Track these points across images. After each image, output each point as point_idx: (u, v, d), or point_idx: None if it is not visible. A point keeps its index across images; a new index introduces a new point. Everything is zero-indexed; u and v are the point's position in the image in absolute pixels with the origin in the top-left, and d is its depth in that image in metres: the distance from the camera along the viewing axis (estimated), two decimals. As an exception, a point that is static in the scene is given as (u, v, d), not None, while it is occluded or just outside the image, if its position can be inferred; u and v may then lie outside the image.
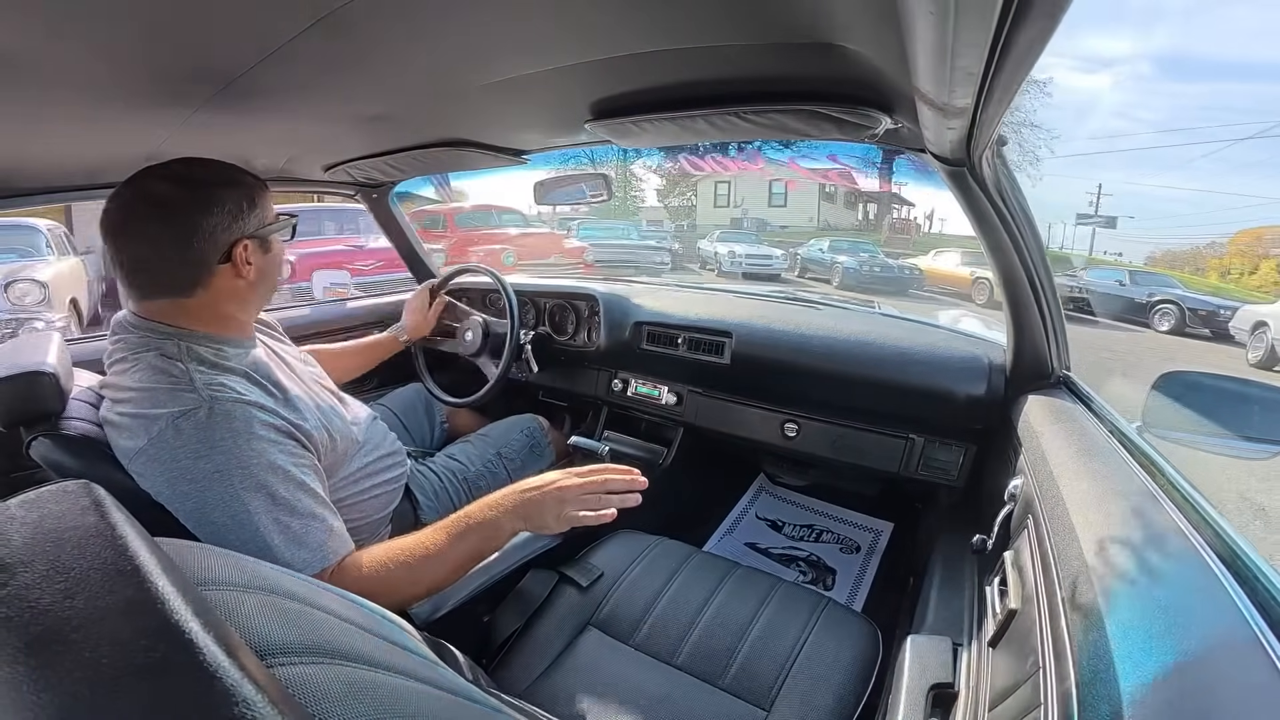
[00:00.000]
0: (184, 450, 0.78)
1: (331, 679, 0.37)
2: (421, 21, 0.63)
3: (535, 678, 0.95)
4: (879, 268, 12.10)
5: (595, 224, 13.52)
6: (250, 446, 0.81)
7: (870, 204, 20.91)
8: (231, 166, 0.92)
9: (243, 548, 0.76)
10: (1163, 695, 0.38)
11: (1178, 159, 31.78)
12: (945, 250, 12.44)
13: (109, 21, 0.57)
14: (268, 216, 0.93)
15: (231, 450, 0.80)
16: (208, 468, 0.78)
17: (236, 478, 0.79)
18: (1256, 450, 0.87)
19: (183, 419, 0.79)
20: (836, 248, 13.29)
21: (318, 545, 0.83)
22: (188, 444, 0.79)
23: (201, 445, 0.79)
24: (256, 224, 0.91)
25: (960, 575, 1.02)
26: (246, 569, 0.44)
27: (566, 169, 2.18)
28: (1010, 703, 0.58)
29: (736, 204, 20.27)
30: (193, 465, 0.78)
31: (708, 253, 13.82)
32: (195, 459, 0.78)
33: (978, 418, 1.27)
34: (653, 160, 8.77)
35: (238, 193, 0.89)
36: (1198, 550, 0.55)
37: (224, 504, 0.78)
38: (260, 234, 0.92)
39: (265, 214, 0.93)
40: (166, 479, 0.79)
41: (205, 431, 0.79)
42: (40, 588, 0.29)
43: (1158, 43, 44.87)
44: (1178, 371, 0.98)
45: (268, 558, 0.76)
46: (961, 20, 0.41)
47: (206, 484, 0.78)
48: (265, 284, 0.96)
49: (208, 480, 0.78)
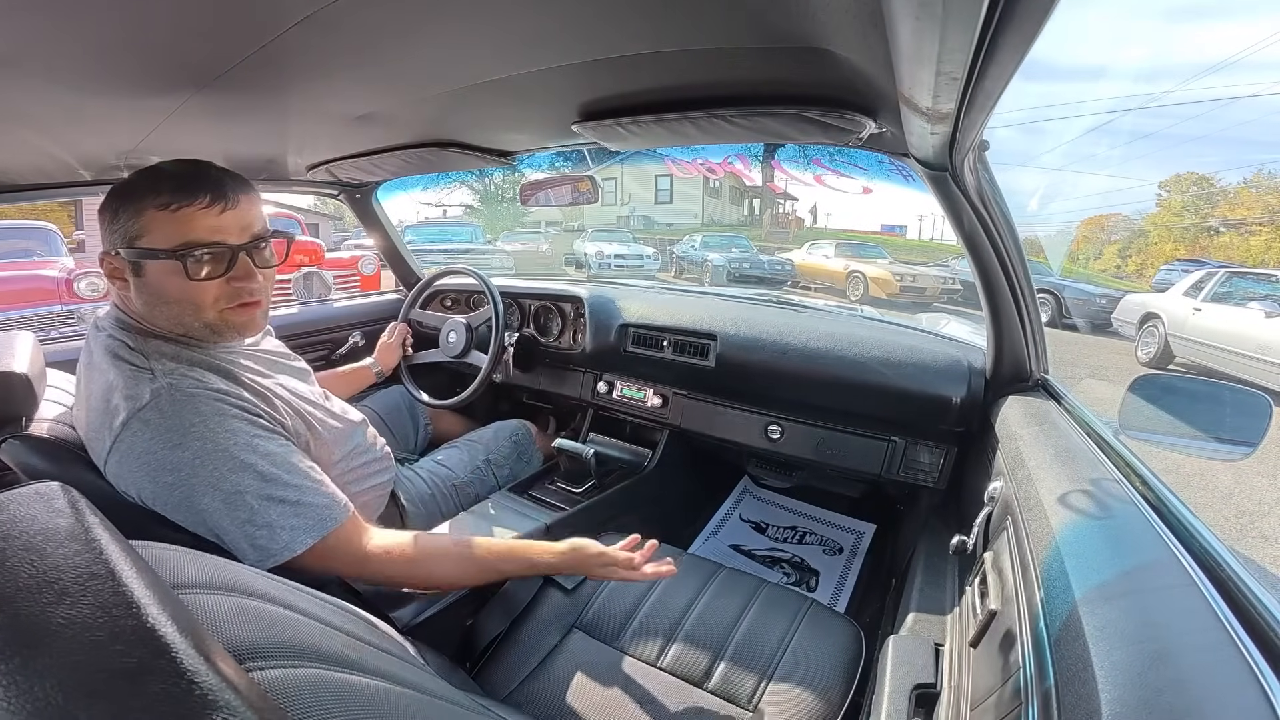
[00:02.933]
0: (157, 442, 0.75)
1: (310, 682, 0.37)
2: (407, 21, 0.63)
3: (520, 681, 0.94)
4: (749, 264, 11.71)
5: (423, 228, 12.41)
6: (224, 427, 0.78)
7: (755, 199, 20.97)
8: (142, 176, 0.81)
9: (240, 530, 0.76)
10: (1139, 693, 0.39)
11: (1023, 155, 33.05)
12: (820, 244, 11.85)
13: (90, 16, 0.56)
14: (136, 234, 0.79)
15: (205, 435, 0.77)
16: (186, 456, 0.75)
17: (219, 459, 0.76)
18: (1229, 451, 0.89)
19: (147, 410, 0.76)
20: (709, 244, 12.80)
21: (318, 512, 0.81)
22: (159, 434, 0.75)
23: (174, 434, 0.76)
24: (119, 240, 0.81)
25: (942, 576, 1.03)
26: (223, 571, 0.44)
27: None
28: (991, 702, 0.59)
29: (624, 201, 19.99)
30: (170, 455, 0.75)
31: (579, 253, 13.09)
32: (171, 449, 0.75)
33: (958, 420, 1.29)
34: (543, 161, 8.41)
35: (112, 202, 0.81)
36: (1172, 551, 0.56)
37: (212, 488, 0.76)
38: (121, 252, 0.81)
39: (131, 231, 0.79)
40: (147, 474, 0.76)
41: (173, 420, 0.76)
42: (11, 590, 0.28)
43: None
44: (1152, 374, 1.00)
45: (268, 535, 0.77)
46: (945, 25, 0.42)
47: (190, 471, 0.75)
48: (155, 307, 0.83)
49: (190, 468, 0.75)
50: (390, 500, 1.21)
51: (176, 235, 0.79)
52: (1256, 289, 5.91)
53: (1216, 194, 17.53)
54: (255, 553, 0.77)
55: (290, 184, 1.66)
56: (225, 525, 0.76)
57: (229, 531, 0.77)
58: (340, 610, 0.53)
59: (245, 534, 0.77)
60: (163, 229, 0.79)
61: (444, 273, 1.86)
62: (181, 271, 0.80)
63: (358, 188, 1.84)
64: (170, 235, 0.79)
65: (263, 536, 0.77)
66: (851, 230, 18.53)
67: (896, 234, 18.82)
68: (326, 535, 0.81)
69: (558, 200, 1.70)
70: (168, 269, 0.80)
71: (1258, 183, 16.82)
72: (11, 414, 0.82)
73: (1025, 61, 0.48)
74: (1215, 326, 5.80)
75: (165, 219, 0.78)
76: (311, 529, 0.80)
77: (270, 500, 0.78)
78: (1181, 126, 23.89)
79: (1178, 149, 29.96)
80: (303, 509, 0.81)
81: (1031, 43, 0.44)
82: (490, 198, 20.64)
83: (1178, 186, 18.22)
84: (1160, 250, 17.30)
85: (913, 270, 10.28)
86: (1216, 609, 0.47)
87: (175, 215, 0.78)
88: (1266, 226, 15.22)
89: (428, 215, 16.10)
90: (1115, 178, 24.79)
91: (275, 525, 0.78)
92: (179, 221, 0.79)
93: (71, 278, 5.17)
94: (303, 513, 0.80)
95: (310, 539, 0.80)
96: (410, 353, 1.75)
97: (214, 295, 0.83)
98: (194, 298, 0.82)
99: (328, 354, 2.02)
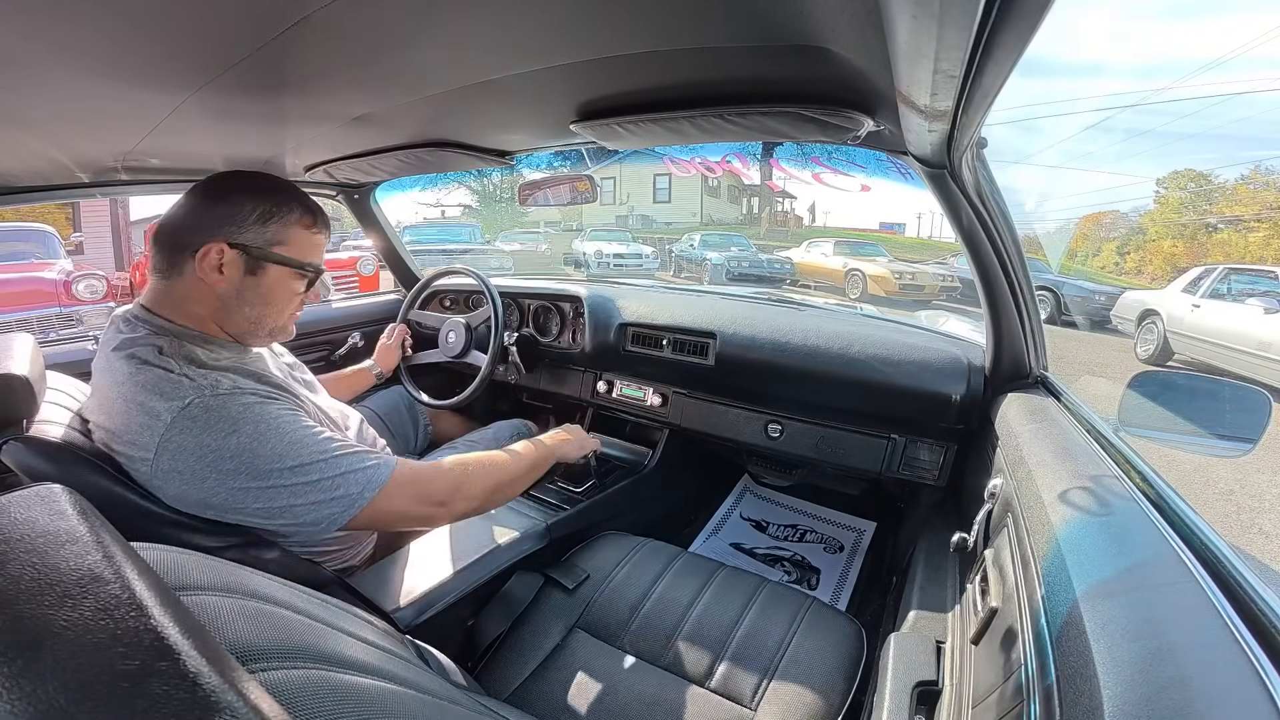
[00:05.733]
0: (209, 434, 0.77)
1: (313, 683, 0.37)
2: (405, 22, 0.63)
3: (521, 681, 0.94)
4: (748, 263, 11.72)
5: (421, 229, 12.26)
6: (267, 411, 0.82)
7: (753, 198, 20.92)
8: (283, 186, 0.93)
9: (314, 489, 0.81)
10: (1140, 690, 0.39)
11: (1021, 152, 33.12)
12: (818, 242, 11.96)
13: (87, 18, 0.56)
14: (277, 241, 0.89)
15: (254, 419, 0.80)
16: (244, 440, 0.78)
17: (274, 437, 0.80)
18: (1229, 448, 0.89)
19: (192, 408, 0.78)
20: (708, 243, 12.77)
21: (374, 468, 0.86)
22: (209, 427, 0.78)
23: (225, 424, 0.78)
24: (255, 239, 0.87)
25: (942, 574, 1.03)
26: (224, 573, 0.44)
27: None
28: (993, 699, 0.59)
29: (622, 201, 19.96)
30: (227, 443, 0.78)
31: (578, 252, 13.11)
32: (226, 437, 0.78)
33: (958, 417, 1.29)
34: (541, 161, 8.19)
35: (253, 200, 0.88)
36: (1172, 547, 0.56)
37: (276, 460, 0.79)
38: (251, 249, 0.87)
39: (274, 237, 0.89)
40: (207, 465, 0.77)
41: (220, 413, 0.79)
42: (13, 592, 0.28)
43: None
44: (1152, 371, 1.00)
45: (341, 494, 0.83)
46: (943, 23, 0.42)
47: (251, 454, 0.78)
48: (245, 306, 0.89)
49: (251, 451, 0.78)
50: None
51: (311, 254, 0.94)
52: (1255, 285, 5.90)
53: (1214, 191, 17.53)
54: (332, 510, 0.82)
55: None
56: (294, 497, 0.80)
57: (298, 499, 0.80)
58: (342, 611, 0.53)
59: (315, 500, 0.81)
60: (303, 245, 0.93)
61: (443, 273, 1.86)
62: (301, 284, 0.94)
63: (356, 188, 1.84)
64: (306, 251, 0.93)
65: (337, 498, 0.82)
66: (850, 228, 18.56)
67: (895, 232, 18.84)
68: (388, 482, 0.86)
69: (556, 200, 1.70)
70: (289, 277, 0.92)
71: (1255, 179, 16.83)
72: (12, 416, 0.82)
73: (1022, 59, 0.48)
74: (1214, 323, 5.79)
75: (307, 238, 0.93)
76: (373, 481, 0.85)
77: (333, 460, 0.83)
78: (1179, 123, 23.93)
79: (1175, 146, 30.02)
80: (362, 462, 0.85)
81: (1029, 40, 0.44)
82: (489, 198, 20.59)
83: (1175, 183, 18.22)
84: (1159, 247, 17.33)
85: (911, 268, 10.27)
86: (1217, 605, 0.47)
87: (314, 237, 0.94)
88: (1264, 223, 15.22)
89: (426, 216, 16.05)
90: (1113, 175, 24.82)
91: (347, 480, 0.83)
92: (315, 243, 0.95)
93: (70, 280, 5.18)
94: (362, 466, 0.85)
95: (374, 490, 0.84)
96: (410, 353, 1.75)
97: (296, 306, 0.97)
98: (286, 304, 0.94)
99: (327, 355, 2.01)
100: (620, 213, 19.75)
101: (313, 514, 0.81)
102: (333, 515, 0.82)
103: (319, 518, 0.81)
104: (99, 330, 1.09)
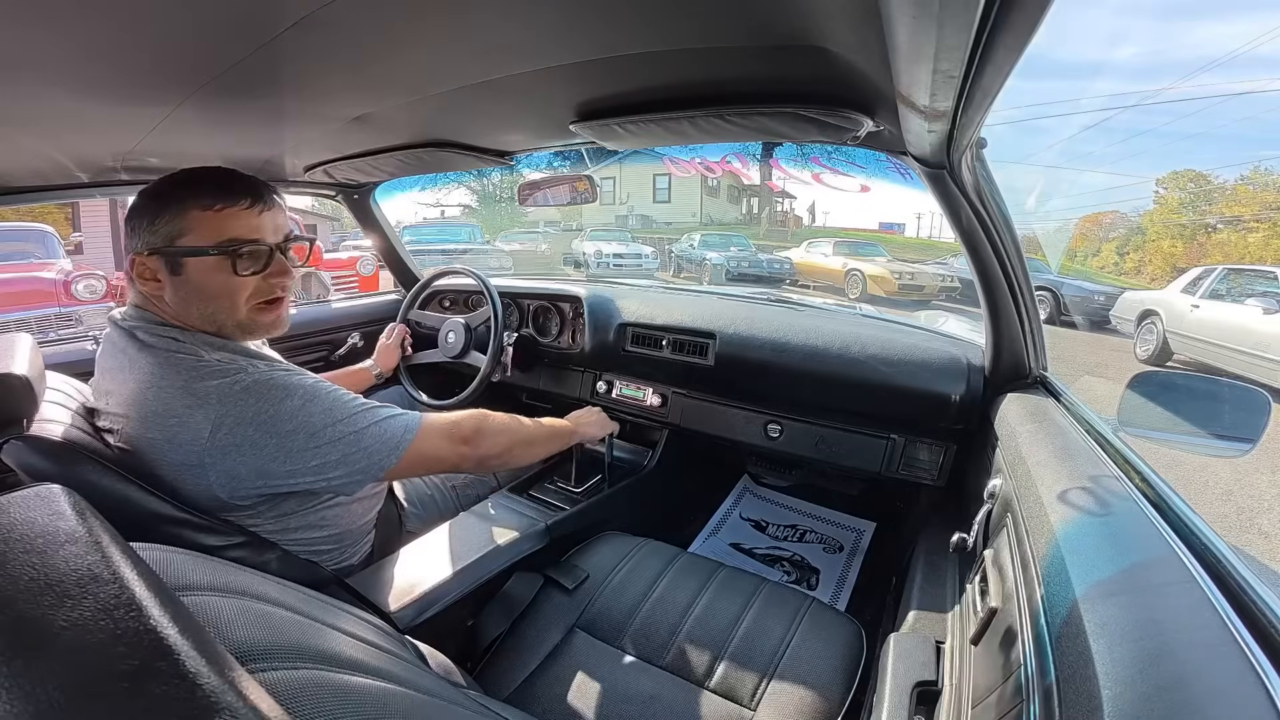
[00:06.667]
0: (266, 401, 0.80)
1: (313, 683, 0.37)
2: (404, 22, 0.63)
3: (521, 681, 0.94)
4: (748, 263, 11.75)
5: (421, 229, 12.30)
6: (307, 379, 0.87)
7: (753, 198, 20.94)
8: (179, 178, 0.85)
9: (363, 437, 0.88)
10: (1140, 690, 0.39)
11: (1020, 152, 33.14)
12: (818, 242, 11.96)
13: (86, 19, 0.56)
14: (177, 234, 0.83)
15: (302, 384, 0.85)
16: (296, 403, 0.82)
17: (322, 396, 0.85)
18: (1229, 448, 0.89)
19: (238, 381, 0.81)
20: (707, 243, 12.77)
21: (406, 416, 0.93)
22: (265, 395, 0.81)
23: (278, 391, 0.82)
24: (157, 239, 0.83)
25: (942, 574, 1.03)
26: (224, 573, 0.44)
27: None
28: (993, 699, 0.59)
29: (622, 201, 19.97)
30: (281, 407, 0.81)
31: (577, 252, 13.09)
32: (281, 402, 0.81)
33: (957, 418, 1.29)
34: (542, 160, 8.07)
35: (146, 201, 0.84)
36: (1171, 547, 0.56)
37: (328, 414, 0.84)
38: (160, 251, 0.83)
39: (174, 230, 0.82)
40: (266, 432, 0.80)
41: (270, 383, 0.82)
42: (13, 592, 0.28)
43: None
44: (1151, 371, 1.00)
45: (387, 429, 0.90)
46: (943, 24, 0.42)
47: (306, 412, 0.82)
48: (191, 306, 0.86)
49: (305, 410, 0.82)
50: (389, 500, 1.21)
51: (220, 233, 0.83)
52: (1254, 286, 5.90)
53: (1214, 191, 17.53)
54: (380, 457, 0.88)
55: (288, 185, 1.66)
56: (348, 447, 0.85)
57: (351, 448, 0.85)
58: (341, 611, 0.53)
59: (364, 447, 0.87)
60: (206, 228, 0.83)
61: (442, 273, 1.86)
62: (226, 267, 0.84)
63: (355, 188, 1.84)
64: (214, 233, 0.83)
65: (383, 443, 0.88)
66: (850, 228, 18.56)
67: (895, 232, 18.86)
68: (421, 425, 0.93)
69: (556, 200, 1.70)
70: (211, 265, 0.84)
71: (1254, 179, 16.83)
72: (12, 416, 0.81)
73: (1022, 59, 0.48)
74: (1213, 324, 5.78)
75: (209, 218, 0.83)
76: (410, 426, 0.92)
77: (371, 410, 0.89)
78: (1178, 123, 23.89)
79: (1174, 146, 29.98)
80: (392, 411, 0.92)
81: (1028, 40, 0.44)
82: (488, 198, 20.60)
83: (1175, 183, 18.22)
84: (1158, 248, 17.34)
85: (911, 268, 10.28)
86: (1217, 605, 0.47)
87: (219, 215, 0.83)
88: (1263, 223, 15.23)
89: (426, 216, 16.12)
90: (1112, 175, 24.80)
91: (386, 427, 0.89)
92: (222, 220, 0.84)
93: (69, 280, 5.19)
94: (396, 414, 0.92)
95: (412, 433, 0.91)
96: (409, 353, 1.75)
97: (250, 291, 0.87)
98: (233, 293, 0.86)
99: (326, 355, 2.01)
100: (620, 213, 19.76)
101: (364, 461, 0.86)
102: (381, 461, 0.87)
103: (369, 464, 0.87)
104: (98, 330, 1.09)
